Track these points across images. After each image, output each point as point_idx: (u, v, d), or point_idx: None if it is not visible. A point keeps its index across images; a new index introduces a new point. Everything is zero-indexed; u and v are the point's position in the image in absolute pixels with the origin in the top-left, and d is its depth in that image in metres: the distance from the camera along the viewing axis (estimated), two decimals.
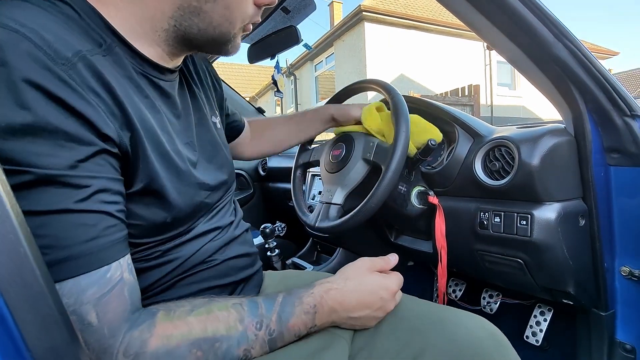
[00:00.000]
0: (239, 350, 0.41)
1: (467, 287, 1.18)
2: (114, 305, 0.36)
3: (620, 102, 0.66)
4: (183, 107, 0.54)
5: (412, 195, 0.89)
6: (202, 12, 0.45)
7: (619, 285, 0.77)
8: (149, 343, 0.37)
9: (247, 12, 0.49)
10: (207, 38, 0.48)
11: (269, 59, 1.24)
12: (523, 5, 0.59)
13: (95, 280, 0.35)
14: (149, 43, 0.46)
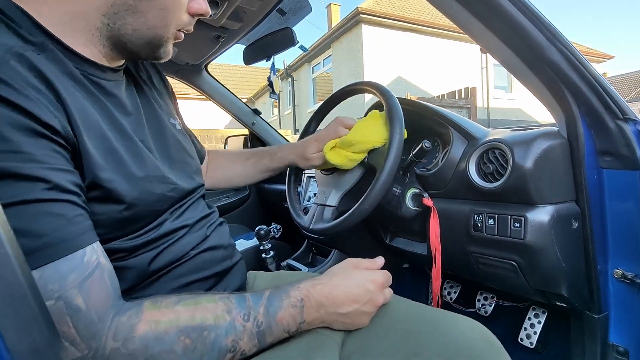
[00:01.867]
0: (227, 340, 0.41)
1: (462, 289, 1.18)
2: (97, 290, 0.36)
3: (613, 105, 0.66)
4: (133, 106, 0.53)
5: (407, 197, 0.89)
6: (137, 11, 0.45)
7: (612, 287, 0.77)
8: (137, 328, 0.37)
9: (182, 18, 0.49)
10: (141, 40, 0.47)
11: (264, 61, 1.25)
12: (516, 9, 0.59)
13: (74, 265, 0.35)
14: (84, 42, 0.45)
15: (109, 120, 0.46)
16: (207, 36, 1.14)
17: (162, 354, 0.37)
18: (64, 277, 0.34)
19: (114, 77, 0.51)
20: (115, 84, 0.51)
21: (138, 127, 0.52)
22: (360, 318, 0.53)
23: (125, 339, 0.36)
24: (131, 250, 0.47)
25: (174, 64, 1.39)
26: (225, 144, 1.99)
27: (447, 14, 0.67)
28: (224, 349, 0.41)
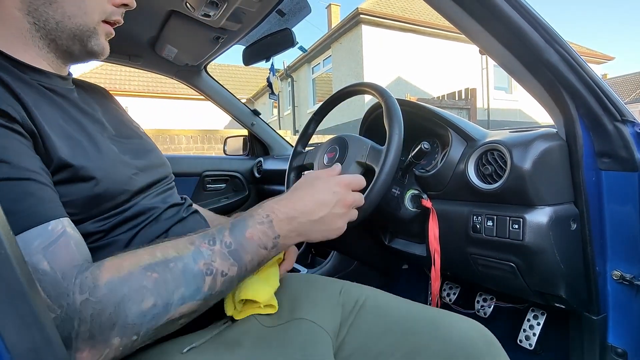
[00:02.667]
0: (198, 265, 0.40)
1: (461, 290, 1.19)
2: (62, 254, 0.37)
3: (611, 107, 0.66)
4: (90, 108, 0.54)
5: (406, 198, 0.89)
6: (53, 2, 0.46)
7: (611, 289, 0.78)
8: (101, 276, 0.37)
9: (104, 7, 0.51)
10: (66, 32, 0.49)
11: (264, 61, 1.25)
12: (514, 11, 0.59)
13: (38, 233, 0.36)
14: (23, 49, 0.48)
15: (66, 116, 0.48)
16: (207, 37, 1.15)
17: (131, 294, 0.37)
18: (29, 244, 0.35)
19: (62, 84, 0.52)
20: (66, 90, 0.52)
21: (97, 124, 0.53)
22: (335, 221, 0.50)
23: (91, 289, 0.36)
24: (107, 231, 0.47)
25: (173, 65, 1.39)
26: (224, 145, 2.00)
27: (445, 15, 0.67)
28: (198, 273, 0.40)
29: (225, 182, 1.77)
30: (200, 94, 1.61)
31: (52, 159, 0.42)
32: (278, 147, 1.83)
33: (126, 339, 0.36)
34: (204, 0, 0.90)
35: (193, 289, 0.39)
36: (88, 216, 0.46)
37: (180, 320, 0.40)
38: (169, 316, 0.38)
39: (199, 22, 1.03)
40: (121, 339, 0.36)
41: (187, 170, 1.66)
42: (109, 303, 0.36)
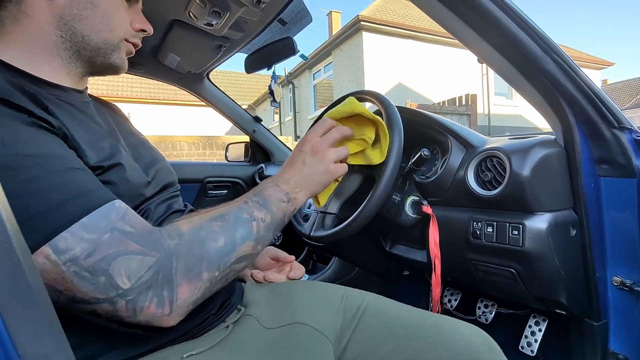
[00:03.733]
0: (244, 214, 0.50)
1: (463, 296, 1.19)
2: (137, 220, 0.43)
3: (608, 114, 0.67)
4: (104, 121, 0.57)
5: (406, 204, 0.90)
6: (82, 18, 0.50)
7: (611, 295, 0.78)
8: (181, 227, 0.45)
9: (126, 27, 0.56)
10: (91, 45, 0.52)
11: (266, 69, 1.26)
12: (511, 20, 0.60)
13: (111, 208, 0.41)
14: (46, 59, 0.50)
15: (87, 127, 0.51)
16: (209, 45, 1.16)
17: (208, 236, 0.45)
18: (107, 216, 0.40)
19: (79, 97, 0.55)
20: (83, 103, 0.55)
21: (113, 135, 0.56)
22: (318, 166, 0.59)
23: (178, 235, 0.44)
24: None
25: (176, 72, 1.41)
26: (226, 151, 2.01)
27: (443, 24, 0.68)
28: (246, 220, 0.50)
29: (227, 188, 1.78)
30: (203, 101, 1.63)
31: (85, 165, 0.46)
32: (279, 154, 1.85)
33: (211, 273, 0.44)
34: (206, 10, 0.92)
35: (247, 230, 0.49)
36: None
37: (242, 261, 0.48)
38: (236, 253, 0.47)
39: (202, 31, 1.05)
40: (208, 273, 0.44)
41: (189, 176, 1.67)
42: (195, 243, 0.44)
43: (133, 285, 0.39)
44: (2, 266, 0.20)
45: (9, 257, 0.21)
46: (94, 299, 0.38)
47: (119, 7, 0.54)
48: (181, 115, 12.95)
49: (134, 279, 0.39)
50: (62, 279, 0.36)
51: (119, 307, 0.38)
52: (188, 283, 0.42)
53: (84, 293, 0.37)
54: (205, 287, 0.44)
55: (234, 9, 0.91)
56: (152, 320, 0.40)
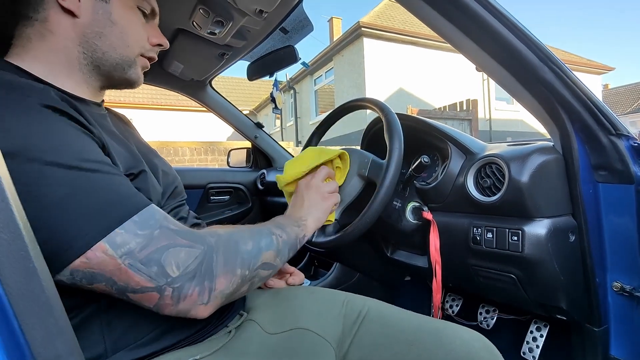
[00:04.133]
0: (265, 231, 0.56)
1: (464, 302, 1.19)
2: (176, 221, 0.47)
3: (605, 121, 0.68)
4: (120, 131, 0.60)
5: (407, 210, 0.90)
6: (102, 35, 0.54)
7: (612, 300, 0.78)
8: (216, 229, 0.51)
9: (143, 43, 0.59)
10: (110, 61, 0.56)
11: (268, 77, 1.28)
12: (508, 31, 0.62)
13: (155, 210, 0.45)
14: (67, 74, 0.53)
15: (110, 135, 0.54)
16: (212, 54, 1.18)
17: (239, 239, 0.51)
18: (154, 215, 0.44)
19: (98, 110, 0.58)
20: (101, 115, 0.58)
21: (129, 146, 0.58)
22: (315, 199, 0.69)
23: (216, 235, 0.48)
24: None
25: (179, 80, 1.43)
26: (228, 157, 2.02)
27: (441, 34, 0.69)
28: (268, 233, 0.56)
29: (229, 194, 1.79)
30: (205, 108, 1.64)
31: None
32: (281, 159, 1.86)
33: (243, 270, 0.48)
34: (210, 20, 0.93)
35: (269, 241, 0.54)
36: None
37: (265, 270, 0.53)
38: (262, 258, 0.52)
39: (205, 39, 1.07)
40: (240, 270, 0.48)
41: (191, 182, 1.68)
42: (230, 242, 0.49)
43: (181, 274, 0.42)
44: (20, 273, 0.21)
45: (25, 265, 0.22)
46: (145, 288, 0.41)
47: (136, 24, 0.57)
48: (183, 121, 13.02)
49: (182, 268, 0.42)
50: (118, 270, 0.40)
51: (166, 294, 0.42)
52: (225, 275, 0.46)
53: (137, 282, 0.41)
54: (237, 283, 0.48)
55: (237, 19, 0.93)
56: (191, 308, 0.44)
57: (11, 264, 0.21)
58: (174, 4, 0.90)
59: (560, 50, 12.83)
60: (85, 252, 0.38)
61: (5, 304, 0.21)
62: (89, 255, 0.38)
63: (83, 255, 0.38)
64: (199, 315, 0.45)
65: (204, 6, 0.88)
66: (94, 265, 0.39)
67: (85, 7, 0.52)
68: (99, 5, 0.53)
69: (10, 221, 0.21)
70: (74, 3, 0.51)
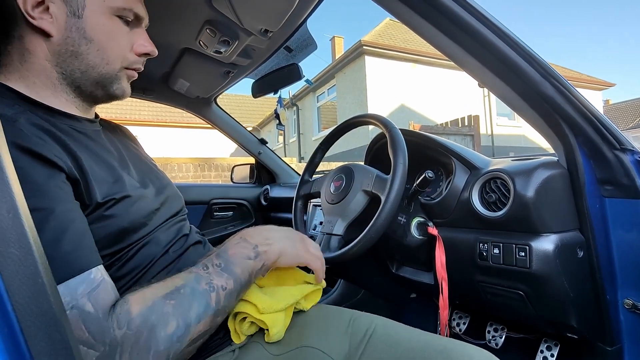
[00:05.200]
0: (201, 285, 0.46)
1: (471, 320, 1.16)
2: (102, 297, 0.41)
3: (609, 136, 0.68)
4: (114, 148, 0.59)
5: (412, 226, 0.90)
6: (79, 54, 0.51)
7: (624, 318, 0.76)
8: (132, 310, 0.42)
9: (125, 55, 0.55)
10: (90, 80, 0.53)
11: (272, 94, 1.30)
12: (509, 47, 0.63)
13: (82, 280, 0.40)
14: (53, 94, 0.52)
15: (97, 158, 0.52)
16: (218, 72, 1.20)
17: (159, 319, 0.42)
18: (75, 290, 0.39)
19: (91, 126, 0.56)
20: (95, 132, 0.57)
21: (123, 164, 0.57)
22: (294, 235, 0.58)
23: (127, 322, 0.40)
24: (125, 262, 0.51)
25: (185, 97, 1.45)
26: (231, 173, 2.03)
27: (442, 50, 0.70)
28: (203, 292, 0.46)
29: (233, 209, 1.79)
30: (210, 125, 1.66)
31: (90, 202, 0.47)
32: (285, 175, 1.87)
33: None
34: (216, 39, 0.96)
35: (204, 305, 0.45)
36: (112, 251, 0.49)
37: (197, 341, 0.45)
38: (190, 336, 0.43)
39: (211, 58, 1.09)
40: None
41: (195, 198, 1.68)
42: (143, 331, 0.40)
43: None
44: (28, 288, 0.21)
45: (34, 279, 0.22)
46: None
47: (116, 36, 0.53)
48: (186, 137, 13.15)
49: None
50: None
51: None
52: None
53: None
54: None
55: (243, 38, 0.95)
56: None
57: (21, 280, 0.21)
58: (182, 24, 0.92)
59: (560, 67, 12.96)
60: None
61: (12, 319, 0.21)
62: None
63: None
64: None
65: (211, 26, 0.91)
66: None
67: (58, 25, 0.48)
68: (71, 22, 0.49)
69: (22, 237, 0.21)
70: (45, 21, 0.48)
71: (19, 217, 0.21)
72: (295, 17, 0.89)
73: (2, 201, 0.21)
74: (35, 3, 0.47)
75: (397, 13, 0.65)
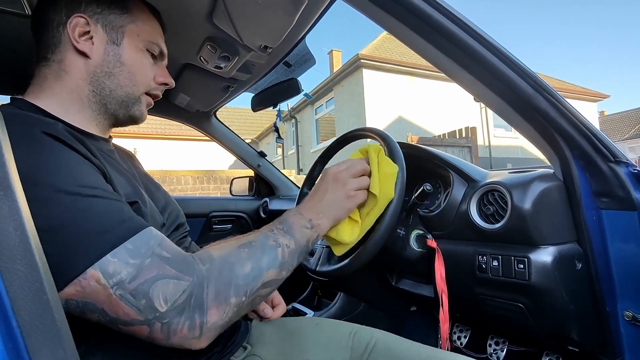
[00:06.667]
0: (270, 241, 0.53)
1: (472, 333, 1.15)
2: (172, 246, 0.46)
3: (603, 148, 0.69)
4: (126, 164, 0.63)
5: (411, 238, 0.90)
6: (111, 75, 0.58)
7: (624, 330, 0.76)
8: (211, 253, 0.48)
9: (149, 82, 0.62)
10: (116, 99, 0.59)
11: (271, 108, 1.32)
12: (502, 63, 0.64)
13: (150, 235, 0.45)
14: (78, 111, 0.57)
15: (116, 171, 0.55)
16: (218, 86, 1.22)
17: (236, 261, 0.48)
18: (147, 242, 0.44)
19: (107, 145, 0.61)
20: (110, 151, 0.61)
21: (135, 181, 0.60)
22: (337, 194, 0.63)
23: (210, 260, 0.46)
24: None
25: (185, 111, 1.47)
26: (230, 186, 2.04)
27: (436, 65, 0.72)
28: (271, 247, 0.52)
29: (232, 222, 1.79)
30: (210, 138, 1.68)
31: None
32: (284, 188, 1.87)
33: (238, 298, 0.46)
34: (217, 55, 0.97)
35: (272, 257, 0.51)
36: None
37: (267, 287, 0.50)
38: (262, 279, 0.49)
39: (211, 73, 1.11)
40: (235, 298, 0.46)
41: (194, 211, 1.68)
42: (224, 268, 0.46)
43: (169, 308, 0.41)
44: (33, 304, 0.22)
45: (39, 295, 0.22)
46: (135, 321, 0.40)
47: (144, 64, 0.61)
48: (185, 150, 13.19)
49: (170, 302, 0.41)
50: (109, 301, 0.39)
51: (155, 329, 0.41)
52: (217, 307, 0.44)
53: (126, 314, 0.40)
54: (232, 312, 0.46)
55: (243, 54, 0.97)
56: (183, 343, 0.42)
57: (26, 296, 0.21)
58: (183, 40, 0.94)
59: (554, 79, 13.15)
60: (79, 280, 0.38)
61: (17, 335, 0.21)
62: (83, 284, 0.38)
63: (77, 283, 0.38)
64: (194, 347, 0.44)
65: (212, 42, 0.93)
66: (87, 294, 0.39)
67: (97, 49, 0.56)
68: (110, 49, 0.57)
69: (28, 253, 0.21)
70: (88, 46, 0.55)
71: (25, 234, 0.22)
72: (294, 34, 0.91)
73: (10, 219, 0.21)
74: (81, 33, 0.55)
75: (390, 28, 0.66)
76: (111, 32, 0.57)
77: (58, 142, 0.45)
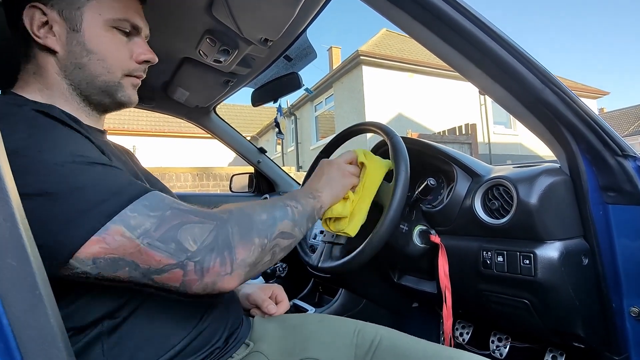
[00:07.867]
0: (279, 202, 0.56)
1: (475, 329, 1.14)
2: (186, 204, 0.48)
3: (611, 142, 0.68)
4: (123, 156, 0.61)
5: (414, 234, 0.89)
6: (82, 66, 0.54)
7: (630, 327, 0.75)
8: (229, 207, 0.51)
9: (125, 64, 0.57)
10: (96, 89, 0.56)
11: (271, 103, 1.30)
12: (509, 55, 0.63)
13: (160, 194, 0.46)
14: (65, 105, 0.55)
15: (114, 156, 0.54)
16: (217, 81, 1.21)
17: (253, 212, 0.51)
18: (163, 199, 0.45)
19: (100, 136, 0.59)
20: (103, 142, 0.58)
21: (133, 172, 0.58)
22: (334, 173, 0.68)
23: (229, 212, 0.49)
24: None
25: (184, 107, 1.45)
26: (230, 182, 2.02)
27: (442, 57, 0.70)
28: (283, 205, 0.56)
29: None
30: (209, 134, 1.66)
31: None
32: (284, 184, 1.86)
33: (261, 239, 0.49)
34: (216, 48, 0.96)
35: (283, 212, 0.55)
36: None
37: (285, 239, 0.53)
38: (278, 228, 0.52)
39: (211, 67, 1.09)
40: (259, 238, 0.49)
41: None
42: (243, 216, 0.50)
43: (199, 247, 0.43)
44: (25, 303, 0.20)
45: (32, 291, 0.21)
46: (168, 266, 0.41)
47: (115, 45, 0.56)
48: (184, 147, 13.16)
49: (199, 242, 0.43)
50: (138, 252, 0.40)
51: (189, 270, 0.42)
52: (243, 245, 0.46)
53: (158, 262, 0.41)
54: (258, 252, 0.48)
55: (242, 47, 0.95)
56: (216, 280, 0.44)
57: (17, 292, 0.20)
58: (182, 33, 0.92)
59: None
60: (103, 237, 0.39)
61: (8, 334, 0.20)
62: (108, 240, 0.39)
63: (101, 239, 0.38)
64: (226, 287, 0.45)
65: (211, 36, 0.91)
66: (115, 249, 0.39)
67: (60, 40, 0.52)
68: (72, 37, 0.52)
69: (19, 246, 0.20)
70: (51, 39, 0.52)
71: (16, 225, 0.20)
72: (295, 27, 0.90)
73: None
74: (40, 24, 0.51)
75: (397, 21, 0.65)
76: (69, 17, 0.52)
77: (51, 120, 0.44)
